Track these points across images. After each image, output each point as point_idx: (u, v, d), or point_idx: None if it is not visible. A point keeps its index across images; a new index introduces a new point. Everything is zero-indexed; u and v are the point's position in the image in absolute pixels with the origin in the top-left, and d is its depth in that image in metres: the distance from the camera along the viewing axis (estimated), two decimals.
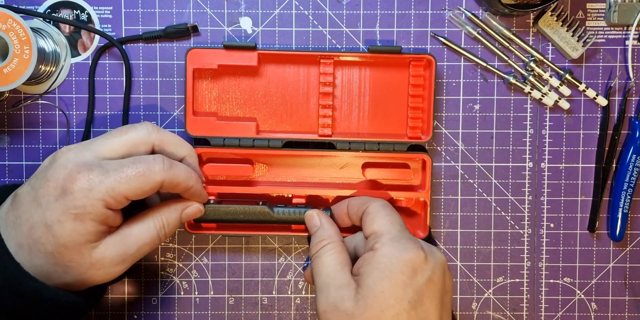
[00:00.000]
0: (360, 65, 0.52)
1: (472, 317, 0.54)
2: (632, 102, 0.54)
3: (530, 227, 0.54)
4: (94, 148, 0.42)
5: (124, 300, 0.54)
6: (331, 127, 0.52)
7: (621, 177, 0.53)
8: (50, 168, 0.41)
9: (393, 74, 0.52)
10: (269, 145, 0.51)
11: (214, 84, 0.52)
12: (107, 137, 0.43)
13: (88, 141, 0.43)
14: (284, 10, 0.53)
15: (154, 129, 0.44)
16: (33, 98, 0.52)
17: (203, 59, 0.50)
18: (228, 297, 0.54)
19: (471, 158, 0.54)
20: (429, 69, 0.50)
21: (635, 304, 0.55)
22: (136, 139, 0.43)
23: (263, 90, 0.52)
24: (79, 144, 0.43)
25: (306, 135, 0.52)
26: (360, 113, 0.52)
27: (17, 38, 0.46)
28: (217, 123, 0.51)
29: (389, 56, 0.51)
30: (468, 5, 0.53)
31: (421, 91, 0.51)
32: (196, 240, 0.54)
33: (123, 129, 0.44)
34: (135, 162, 0.42)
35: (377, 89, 0.52)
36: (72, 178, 0.40)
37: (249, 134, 0.51)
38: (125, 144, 0.43)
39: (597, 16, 0.53)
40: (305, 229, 0.49)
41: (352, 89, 0.52)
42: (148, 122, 0.45)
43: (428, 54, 0.50)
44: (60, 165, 0.41)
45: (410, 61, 0.51)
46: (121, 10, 0.52)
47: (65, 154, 0.42)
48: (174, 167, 0.43)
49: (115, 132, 0.44)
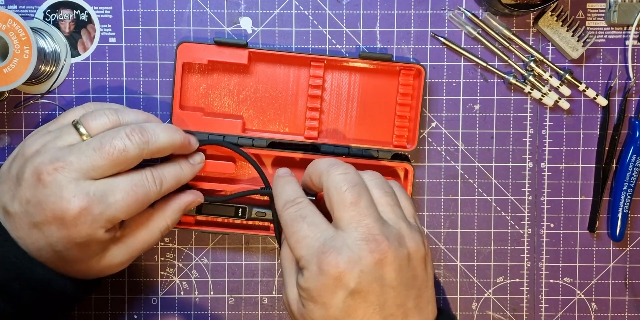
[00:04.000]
0: (350, 70, 0.52)
1: (472, 317, 0.54)
2: (632, 102, 0.54)
3: (530, 227, 0.54)
4: (85, 170, 0.40)
5: (124, 300, 0.54)
6: (317, 130, 0.52)
7: (621, 177, 0.53)
8: (41, 194, 0.40)
9: (382, 81, 0.52)
10: (253, 144, 0.50)
11: (203, 79, 0.52)
12: (97, 157, 0.41)
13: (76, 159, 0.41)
14: (284, 10, 0.53)
15: (144, 146, 0.42)
16: (34, 98, 0.52)
17: (193, 54, 0.50)
18: (228, 297, 0.54)
19: (471, 158, 0.54)
20: (419, 78, 0.50)
21: (635, 304, 0.55)
22: (128, 161, 0.42)
23: (252, 89, 0.52)
24: (65, 164, 0.40)
25: (292, 136, 0.52)
26: (348, 118, 0.52)
27: (17, 38, 0.46)
28: (203, 118, 0.50)
29: (379, 63, 0.51)
30: (468, 5, 0.53)
31: (409, 100, 0.51)
32: (196, 240, 0.54)
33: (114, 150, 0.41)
34: (132, 186, 0.42)
35: (366, 95, 0.52)
36: (72, 212, 0.40)
37: (235, 131, 0.51)
38: (115, 167, 0.42)
39: (597, 16, 0.53)
40: None
41: (341, 93, 0.52)
42: (137, 132, 0.42)
43: (418, 64, 0.50)
44: (52, 193, 0.40)
45: (401, 70, 0.51)
46: (121, 10, 0.52)
47: (55, 177, 0.40)
48: (164, 183, 0.44)
49: (105, 152, 0.41)
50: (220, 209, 0.51)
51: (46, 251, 0.41)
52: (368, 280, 0.38)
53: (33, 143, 0.43)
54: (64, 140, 0.42)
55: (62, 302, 0.45)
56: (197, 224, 0.52)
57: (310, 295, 0.39)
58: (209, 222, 0.53)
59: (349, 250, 0.38)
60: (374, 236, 0.39)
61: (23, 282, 0.42)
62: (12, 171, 0.42)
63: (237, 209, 0.51)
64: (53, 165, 0.40)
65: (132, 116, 0.45)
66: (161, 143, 0.43)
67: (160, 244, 0.53)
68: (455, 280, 0.54)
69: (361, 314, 0.39)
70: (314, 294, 0.39)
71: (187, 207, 0.48)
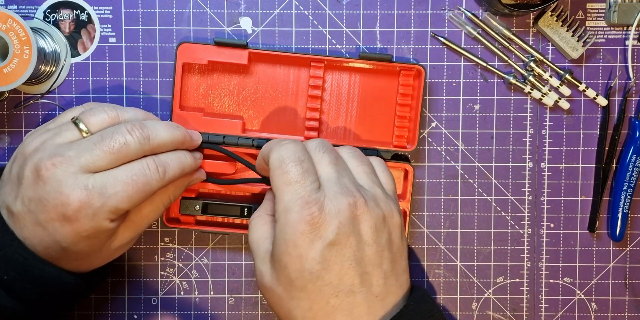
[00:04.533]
0: (350, 70, 0.52)
1: (472, 317, 0.54)
2: (632, 102, 0.54)
3: (530, 227, 0.54)
4: (83, 163, 0.40)
5: (124, 300, 0.54)
6: (317, 130, 0.52)
7: (621, 177, 0.53)
8: (41, 190, 0.40)
9: (383, 82, 0.52)
10: (253, 145, 0.50)
11: (203, 79, 0.52)
12: (97, 151, 0.41)
13: (75, 154, 0.40)
14: (284, 10, 0.53)
15: (145, 142, 0.42)
16: (34, 98, 0.52)
17: (193, 54, 0.50)
18: (228, 297, 0.54)
19: (471, 158, 0.54)
20: (418, 79, 0.50)
21: (635, 304, 0.55)
22: (129, 156, 0.42)
23: (252, 89, 0.52)
24: (64, 159, 0.40)
25: (292, 136, 0.52)
26: (348, 118, 0.52)
27: (17, 38, 0.46)
28: (203, 119, 0.51)
29: (379, 64, 0.51)
30: (468, 5, 0.53)
31: (409, 101, 0.51)
32: (196, 240, 0.54)
33: (114, 144, 0.41)
34: (132, 176, 0.41)
35: (366, 95, 0.52)
36: (73, 207, 0.40)
37: (235, 132, 0.51)
38: (115, 161, 0.41)
39: (597, 16, 0.53)
40: None
41: (341, 93, 0.52)
42: (138, 128, 0.42)
43: (418, 65, 0.50)
44: (52, 189, 0.40)
45: (401, 70, 0.51)
46: (121, 10, 0.52)
47: (53, 173, 0.40)
48: (167, 171, 0.43)
49: (106, 146, 0.41)
50: (225, 209, 0.51)
51: (53, 249, 0.41)
52: (346, 233, 0.39)
53: (32, 142, 0.43)
54: (63, 137, 0.42)
55: (69, 298, 0.45)
56: (198, 224, 0.52)
57: (286, 248, 0.39)
58: (210, 222, 0.53)
59: (329, 203, 0.39)
60: (352, 192, 0.39)
61: (32, 282, 0.42)
62: (13, 172, 0.42)
63: (242, 208, 0.51)
64: (51, 161, 0.40)
65: (131, 113, 0.45)
66: (162, 138, 0.43)
67: (161, 244, 0.53)
68: (455, 280, 0.54)
69: (337, 268, 0.39)
70: (289, 246, 0.38)
71: (190, 183, 0.48)
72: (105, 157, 0.41)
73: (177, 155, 0.45)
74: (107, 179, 0.40)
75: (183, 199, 0.51)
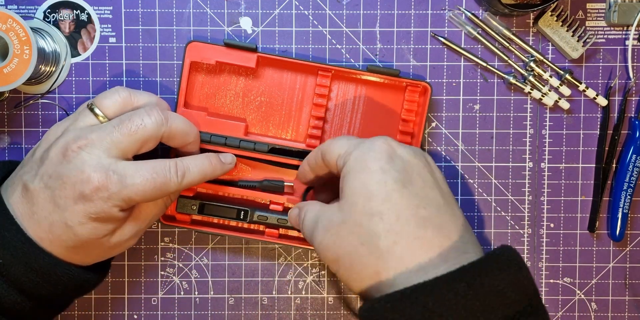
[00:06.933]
0: (357, 82, 0.52)
1: None
2: (632, 102, 0.54)
3: (530, 227, 0.54)
4: (106, 147, 0.42)
5: (124, 300, 0.54)
6: (320, 139, 0.51)
7: (621, 177, 0.53)
8: (64, 168, 0.41)
9: (388, 96, 0.52)
10: (254, 148, 0.50)
11: (209, 79, 0.52)
12: (117, 134, 0.42)
13: (97, 137, 0.42)
14: (284, 10, 0.53)
15: (163, 123, 0.44)
16: (34, 98, 0.52)
17: (202, 53, 0.50)
18: (228, 297, 0.54)
19: (471, 158, 0.54)
20: (424, 96, 0.50)
21: (635, 304, 0.55)
22: (146, 137, 0.43)
23: (258, 92, 0.52)
24: (88, 142, 0.42)
25: (294, 143, 0.51)
26: (351, 128, 0.52)
27: (17, 38, 0.46)
28: (206, 118, 0.50)
29: (387, 78, 0.51)
30: (468, 5, 0.53)
31: (413, 117, 0.51)
32: (196, 240, 0.54)
33: (132, 126, 0.43)
34: (153, 173, 0.42)
35: (371, 107, 0.52)
36: (91, 186, 0.41)
37: (237, 134, 0.51)
38: (135, 143, 0.43)
39: (597, 16, 0.53)
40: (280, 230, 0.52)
41: (346, 104, 0.52)
42: (156, 110, 0.44)
43: (425, 82, 0.50)
44: (75, 167, 0.41)
45: (407, 86, 0.51)
46: (121, 10, 0.52)
47: (78, 154, 0.41)
48: (186, 175, 0.44)
49: (125, 128, 0.42)
50: (221, 210, 0.51)
51: (54, 231, 0.42)
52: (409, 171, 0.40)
53: (56, 130, 0.45)
54: (82, 122, 0.44)
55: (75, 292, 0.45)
56: (194, 224, 0.52)
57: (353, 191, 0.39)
58: (205, 223, 0.53)
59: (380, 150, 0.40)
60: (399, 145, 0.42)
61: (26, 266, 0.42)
62: (36, 155, 0.44)
63: (238, 211, 0.51)
64: (77, 144, 0.42)
65: (144, 95, 0.46)
66: (178, 126, 0.45)
67: (161, 244, 0.53)
68: None
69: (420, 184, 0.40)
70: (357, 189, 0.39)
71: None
72: (124, 139, 0.42)
73: (202, 162, 0.46)
74: (128, 170, 0.42)
75: (181, 198, 0.51)
